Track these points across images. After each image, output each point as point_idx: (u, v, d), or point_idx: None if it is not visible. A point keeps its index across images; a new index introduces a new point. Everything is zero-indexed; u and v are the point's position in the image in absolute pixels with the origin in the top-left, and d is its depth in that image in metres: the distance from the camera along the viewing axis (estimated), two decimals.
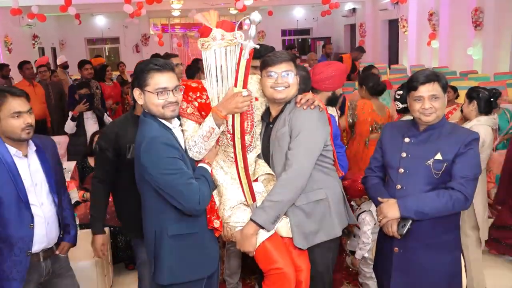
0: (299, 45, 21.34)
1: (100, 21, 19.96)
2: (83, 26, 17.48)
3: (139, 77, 2.32)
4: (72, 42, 19.37)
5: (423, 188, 2.47)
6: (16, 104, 2.42)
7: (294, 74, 2.53)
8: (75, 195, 4.42)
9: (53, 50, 18.97)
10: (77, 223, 3.97)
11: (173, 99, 2.32)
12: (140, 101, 2.37)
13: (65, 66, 9.87)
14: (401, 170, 2.54)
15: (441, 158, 2.44)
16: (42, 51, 17.68)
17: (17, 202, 2.45)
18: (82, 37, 19.84)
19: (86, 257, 3.52)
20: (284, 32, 21.51)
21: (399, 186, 2.54)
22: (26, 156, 2.53)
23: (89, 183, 4.53)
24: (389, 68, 13.11)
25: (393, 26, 16.24)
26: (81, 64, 7.08)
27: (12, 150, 2.48)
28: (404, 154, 2.55)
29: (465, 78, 9.91)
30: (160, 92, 2.29)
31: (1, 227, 2.44)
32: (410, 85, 2.52)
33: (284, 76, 2.49)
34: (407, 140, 2.57)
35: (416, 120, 2.55)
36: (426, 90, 2.45)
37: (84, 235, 3.89)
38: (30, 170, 2.53)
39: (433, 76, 2.46)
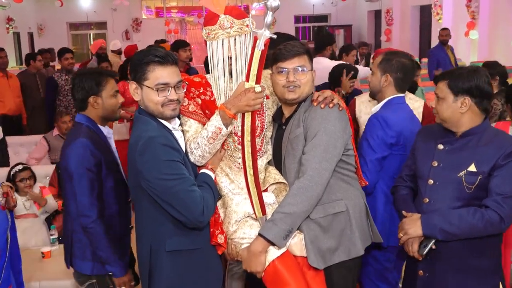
0: (315, 34, 21.36)
1: (85, 3, 20.06)
2: (65, 9, 17.59)
3: (137, 69, 2.33)
4: (52, 26, 19.46)
5: (452, 204, 2.46)
6: (114, 84, 2.93)
7: (308, 70, 2.55)
8: (52, 202, 4.43)
9: (30, 35, 19.07)
10: (56, 236, 4.00)
11: (174, 96, 2.34)
12: (136, 97, 2.39)
13: (119, 52, 10.37)
14: (431, 181, 2.54)
15: (475, 170, 2.42)
16: (17, 36, 17.79)
17: (117, 177, 2.89)
18: (64, 21, 19.92)
19: (66, 275, 3.53)
20: (297, 19, 21.53)
21: (426, 200, 2.55)
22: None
23: None
24: (419, 62, 13.08)
25: (425, 13, 16.22)
26: (61, 52, 7.09)
27: (105, 130, 2.93)
28: (435, 163, 2.54)
29: (510, 74, 9.87)
30: (160, 88, 2.30)
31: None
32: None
33: (296, 73, 2.52)
34: (440, 147, 2.56)
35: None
36: (436, 87, 2.57)
37: (63, 251, 3.91)
38: (114, 148, 3.01)
39: (444, 75, 2.55)
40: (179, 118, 2.50)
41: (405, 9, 17.07)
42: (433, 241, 2.45)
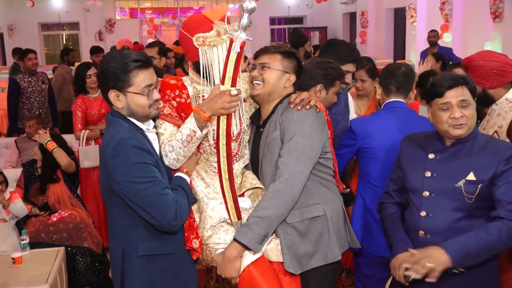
0: (290, 36, 21.42)
1: (57, 3, 19.81)
2: (37, 9, 17.35)
3: (118, 78, 2.26)
4: (23, 27, 19.17)
5: (453, 216, 2.38)
6: None
7: (273, 68, 2.56)
8: (21, 205, 4.34)
9: (0, 36, 18.78)
10: (27, 241, 3.93)
11: (158, 95, 2.34)
12: (119, 104, 2.32)
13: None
14: (426, 193, 2.46)
15: (474, 179, 2.35)
16: None
17: None
18: (36, 22, 19.65)
19: (38, 281, 3.47)
20: (273, 21, 21.57)
21: (424, 213, 2.45)
22: None
23: (35, 196, 4.49)
24: None
25: (400, 16, 16.39)
26: (24, 53, 6.87)
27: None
28: (428, 174, 2.46)
29: None
30: (149, 91, 2.29)
31: None
32: (433, 91, 2.41)
33: (259, 69, 2.56)
34: (431, 156, 2.48)
35: (442, 133, 2.46)
36: (454, 95, 2.35)
37: (35, 256, 3.85)
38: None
39: (461, 79, 2.38)
40: (154, 120, 2.48)
41: (379, 11, 17.23)
42: None
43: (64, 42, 20.66)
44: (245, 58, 3.05)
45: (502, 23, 11.23)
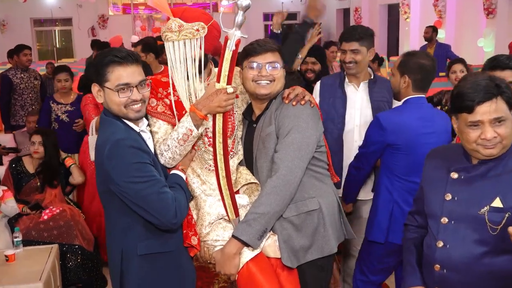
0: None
1: None
2: (29, 4, 17.25)
3: (98, 71, 2.27)
4: (16, 23, 19.11)
5: (474, 250, 2.00)
6: None
7: (280, 66, 2.56)
8: (12, 205, 4.31)
9: None
10: (20, 239, 3.91)
11: (138, 96, 2.28)
12: (99, 99, 2.33)
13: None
14: (445, 220, 2.09)
15: (500, 206, 1.96)
16: None
17: None
18: (28, 17, 19.59)
19: (31, 279, 3.45)
20: (266, 16, 21.57)
21: (441, 243, 2.09)
22: None
23: (28, 194, 4.44)
24: (387, 61, 13.23)
25: (393, 12, 16.43)
26: (18, 49, 6.83)
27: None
28: (448, 196, 2.10)
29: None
30: (121, 89, 2.25)
31: None
32: (460, 105, 1.98)
33: (269, 69, 2.52)
34: (454, 175, 2.10)
35: (469, 152, 2.06)
36: (487, 111, 1.92)
37: (28, 254, 3.83)
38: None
39: (495, 90, 1.92)
40: (147, 119, 2.46)
41: (373, 7, 17.27)
42: None
43: (57, 38, 20.57)
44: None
45: (495, 20, 11.28)
